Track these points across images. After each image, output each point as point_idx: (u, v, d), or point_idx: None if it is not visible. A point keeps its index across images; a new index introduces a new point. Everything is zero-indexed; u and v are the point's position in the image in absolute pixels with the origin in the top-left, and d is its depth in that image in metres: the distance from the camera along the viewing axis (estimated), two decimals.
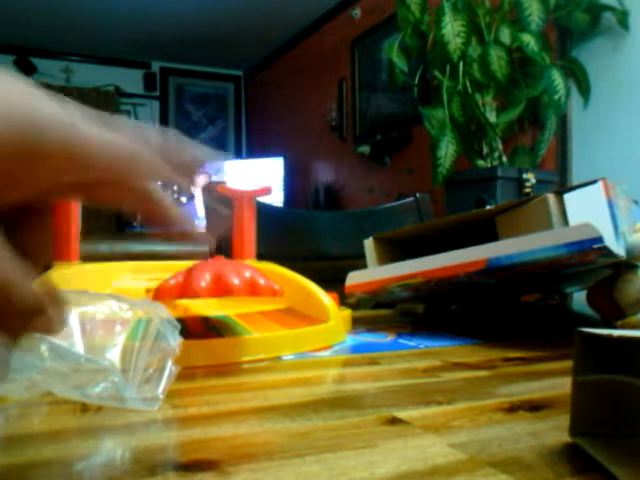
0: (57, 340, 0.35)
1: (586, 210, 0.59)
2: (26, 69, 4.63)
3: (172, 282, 0.47)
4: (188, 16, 3.81)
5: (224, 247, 0.90)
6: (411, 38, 2.27)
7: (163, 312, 0.38)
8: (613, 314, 0.65)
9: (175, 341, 0.37)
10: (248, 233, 0.67)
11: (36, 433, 0.31)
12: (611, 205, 0.59)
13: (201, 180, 1.10)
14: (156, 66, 4.96)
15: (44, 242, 0.23)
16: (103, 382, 0.34)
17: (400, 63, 2.30)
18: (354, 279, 0.69)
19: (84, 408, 0.35)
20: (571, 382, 0.28)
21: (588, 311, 0.70)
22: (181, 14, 3.78)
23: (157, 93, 4.96)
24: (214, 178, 1.10)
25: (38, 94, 0.19)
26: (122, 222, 3.89)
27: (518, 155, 2.20)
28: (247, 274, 0.47)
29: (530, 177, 1.99)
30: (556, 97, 2.05)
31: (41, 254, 0.22)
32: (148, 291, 0.58)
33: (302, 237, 1.17)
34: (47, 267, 0.60)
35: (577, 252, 0.52)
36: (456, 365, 0.48)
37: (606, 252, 0.52)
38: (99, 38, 4.35)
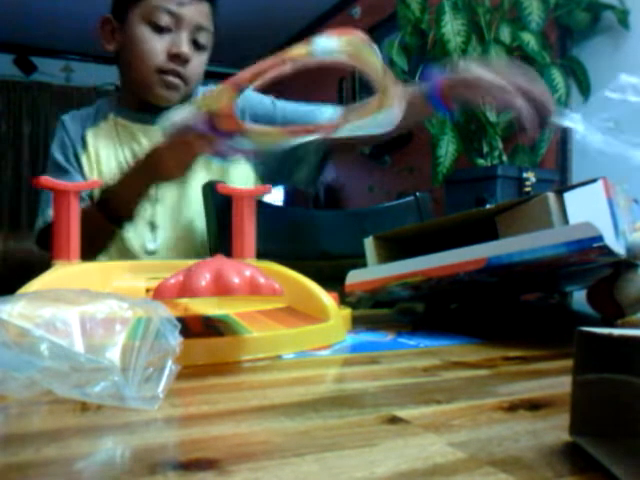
0: (57, 339, 0.35)
1: (586, 209, 0.59)
2: (26, 68, 4.63)
3: (172, 281, 0.47)
4: (216, 22, 3.80)
5: (224, 246, 0.90)
6: (411, 37, 2.26)
7: (163, 311, 0.38)
8: (613, 313, 0.65)
9: (175, 340, 0.36)
10: (248, 232, 0.67)
11: (36, 432, 0.31)
12: (611, 204, 0.59)
13: None
14: None
15: None
16: (103, 381, 0.34)
17: (400, 62, 2.30)
18: (354, 278, 0.69)
19: (84, 407, 0.35)
20: (571, 381, 0.28)
21: (588, 310, 0.70)
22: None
23: None
24: None
25: None
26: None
27: (518, 154, 2.20)
28: (247, 273, 0.47)
29: (530, 176, 1.98)
30: (556, 96, 2.05)
31: None
32: (148, 290, 0.58)
33: (302, 236, 1.17)
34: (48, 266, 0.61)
35: (577, 251, 0.52)
36: (456, 364, 0.48)
37: (606, 251, 0.52)
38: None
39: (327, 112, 1.09)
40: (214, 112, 0.67)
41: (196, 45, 1.02)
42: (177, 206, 1.07)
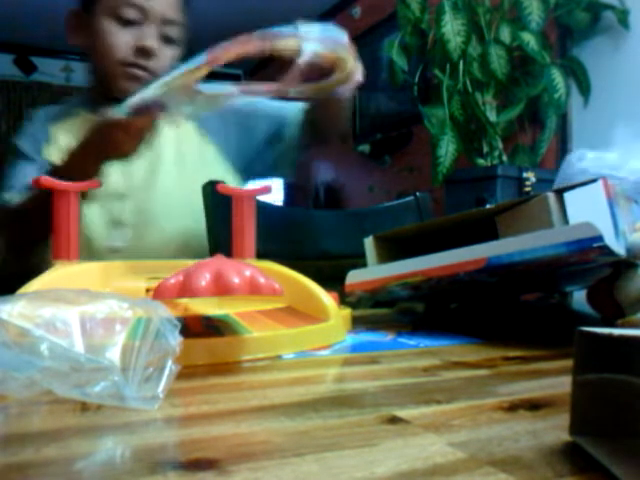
0: (57, 339, 0.35)
1: (586, 209, 0.59)
2: (26, 68, 4.63)
3: (172, 281, 0.47)
4: (187, 14, 3.80)
5: (224, 246, 0.90)
6: (411, 37, 2.27)
7: (163, 311, 0.38)
8: (613, 313, 0.65)
9: (175, 340, 0.36)
10: (248, 232, 0.67)
11: (36, 432, 0.31)
12: (611, 204, 0.59)
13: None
14: None
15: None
16: (103, 381, 0.34)
17: (400, 62, 2.30)
18: (354, 278, 0.69)
19: (84, 407, 0.35)
20: (571, 381, 0.28)
21: (588, 310, 0.70)
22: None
23: None
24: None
25: None
26: None
27: (518, 154, 2.20)
28: (247, 273, 0.47)
29: (530, 176, 1.99)
30: (556, 96, 2.05)
31: None
32: (148, 290, 0.58)
33: (302, 236, 1.17)
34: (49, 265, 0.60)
35: (577, 251, 0.52)
36: (456, 364, 0.48)
37: (606, 251, 0.52)
38: None
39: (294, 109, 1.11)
40: (174, 89, 0.68)
41: (165, 39, 1.00)
42: (145, 204, 1.05)
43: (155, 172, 1.06)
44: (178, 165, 1.08)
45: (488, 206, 0.73)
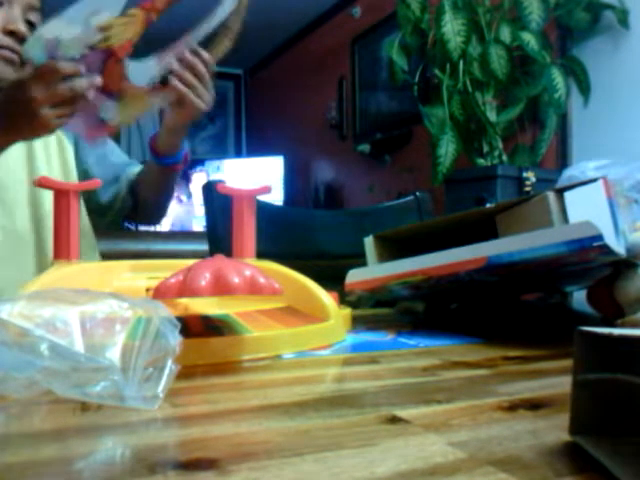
0: (57, 339, 0.35)
1: (586, 208, 0.59)
2: None
3: (172, 281, 0.47)
4: (187, 14, 3.80)
5: (224, 246, 0.89)
6: (411, 36, 2.26)
7: (163, 311, 0.38)
8: (613, 313, 0.65)
9: (175, 340, 0.36)
10: (248, 232, 0.67)
11: (36, 432, 0.31)
12: (611, 203, 0.59)
13: (200, 179, 1.10)
14: None
15: None
16: (103, 381, 0.34)
17: (400, 61, 2.30)
18: (354, 277, 0.69)
19: (84, 407, 0.35)
20: (571, 381, 0.28)
21: (588, 310, 0.70)
22: (180, 12, 3.77)
23: None
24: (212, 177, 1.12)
25: None
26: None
27: (518, 154, 2.20)
28: (247, 273, 0.47)
29: (530, 175, 1.98)
30: (556, 96, 2.05)
31: None
32: (148, 290, 0.58)
33: (302, 236, 1.17)
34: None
35: (577, 250, 0.52)
36: (456, 364, 0.48)
37: (606, 250, 0.52)
38: None
39: (137, 167, 1.11)
40: (114, 46, 0.64)
41: (29, 24, 0.96)
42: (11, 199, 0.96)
43: (28, 167, 0.99)
44: (47, 162, 1.02)
45: (488, 206, 0.73)
